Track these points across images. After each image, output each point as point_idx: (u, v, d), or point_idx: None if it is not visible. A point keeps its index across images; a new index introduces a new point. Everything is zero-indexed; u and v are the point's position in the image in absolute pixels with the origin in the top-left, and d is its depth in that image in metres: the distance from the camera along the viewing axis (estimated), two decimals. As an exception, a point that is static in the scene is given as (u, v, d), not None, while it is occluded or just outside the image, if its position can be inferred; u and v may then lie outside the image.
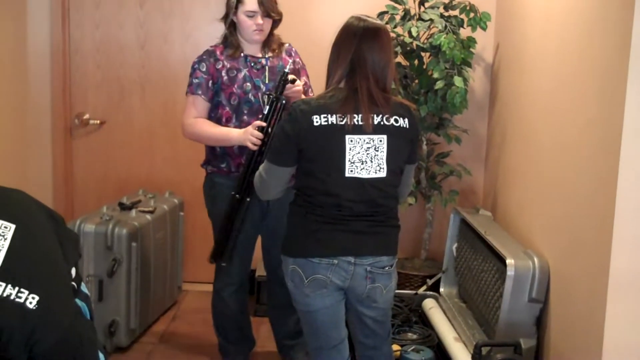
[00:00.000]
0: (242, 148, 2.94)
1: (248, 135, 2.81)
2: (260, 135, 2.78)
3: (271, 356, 3.41)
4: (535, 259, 2.78)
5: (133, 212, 3.60)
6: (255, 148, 2.79)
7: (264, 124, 2.79)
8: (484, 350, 2.62)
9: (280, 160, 2.39)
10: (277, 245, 2.59)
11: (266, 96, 2.88)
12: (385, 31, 2.40)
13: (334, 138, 2.29)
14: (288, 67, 2.97)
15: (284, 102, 2.77)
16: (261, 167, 2.49)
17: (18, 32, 3.96)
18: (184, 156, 4.16)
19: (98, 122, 4.21)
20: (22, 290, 1.51)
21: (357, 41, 2.33)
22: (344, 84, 2.35)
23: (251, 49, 3.03)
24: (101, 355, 1.79)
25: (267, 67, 3.02)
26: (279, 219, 2.82)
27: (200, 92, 2.98)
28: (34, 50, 4.06)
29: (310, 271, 2.33)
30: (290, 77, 2.81)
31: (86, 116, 4.21)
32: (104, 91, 4.21)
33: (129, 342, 3.46)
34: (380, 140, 2.31)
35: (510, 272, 2.76)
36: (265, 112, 2.81)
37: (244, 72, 2.99)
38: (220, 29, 3.09)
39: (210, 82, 2.98)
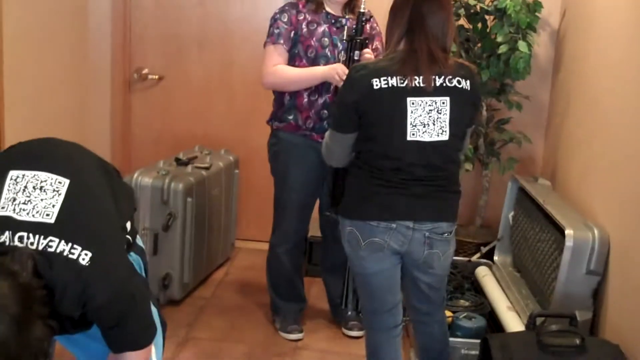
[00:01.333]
0: (312, 102, 2.97)
1: (335, 69, 2.84)
2: (346, 70, 2.74)
3: (322, 316, 3.43)
4: (595, 230, 2.71)
5: (189, 167, 3.63)
6: (340, 83, 2.76)
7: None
8: (538, 320, 2.59)
9: (341, 127, 2.37)
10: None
11: (347, 39, 2.89)
12: None
13: (395, 101, 2.25)
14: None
15: (366, 40, 2.79)
16: (326, 135, 2.47)
17: (80, -14, 3.99)
18: (241, 114, 4.17)
19: (156, 77, 4.23)
20: (75, 246, 1.53)
21: (413, 1, 2.28)
22: (403, 45, 2.30)
23: (333, 7, 3.02)
24: (154, 309, 1.82)
25: (346, 27, 3.00)
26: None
27: (281, 41, 2.97)
28: (95, 5, 4.08)
29: (367, 234, 2.32)
30: (369, 15, 2.76)
31: (145, 71, 4.24)
32: (163, 47, 4.22)
33: (182, 295, 3.51)
34: (443, 103, 2.26)
35: (568, 242, 2.70)
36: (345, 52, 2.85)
37: (324, 27, 2.99)
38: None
39: (293, 32, 2.98)
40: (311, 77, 2.94)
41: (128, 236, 1.87)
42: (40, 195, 1.58)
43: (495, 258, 3.53)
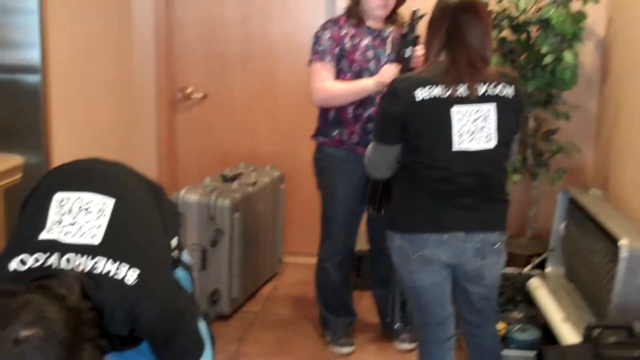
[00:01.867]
0: (357, 116, 2.97)
1: (382, 73, 2.83)
2: (392, 68, 2.77)
3: (372, 329, 3.40)
4: (652, 240, 2.65)
5: (235, 184, 3.65)
6: (390, 79, 2.75)
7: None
8: (595, 332, 2.53)
9: (385, 139, 2.35)
10: (383, 219, 2.56)
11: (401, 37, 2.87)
12: (480, 3, 2.31)
13: (440, 111, 2.23)
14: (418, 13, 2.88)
15: (418, 38, 2.77)
16: (369, 147, 2.46)
17: (122, 7, 4.06)
18: (285, 130, 4.19)
19: (200, 95, 4.27)
20: (121, 266, 1.53)
21: (451, 13, 2.26)
22: (444, 56, 2.29)
23: (374, 22, 3.03)
24: (202, 324, 1.81)
25: (388, 39, 3.00)
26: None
27: (328, 58, 2.98)
28: (139, 25, 4.14)
29: (418, 247, 2.30)
30: (421, 12, 2.75)
31: (189, 90, 4.28)
32: (206, 65, 4.26)
33: (231, 310, 3.52)
34: (488, 110, 2.24)
35: (623, 253, 2.64)
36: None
37: (367, 40, 3.00)
38: (319, 6, 3.08)
39: (337, 47, 2.98)
40: (362, 88, 2.92)
41: (174, 253, 1.88)
42: (85, 217, 1.59)
43: (547, 269, 3.47)
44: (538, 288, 3.27)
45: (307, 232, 4.05)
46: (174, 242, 1.87)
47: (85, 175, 1.74)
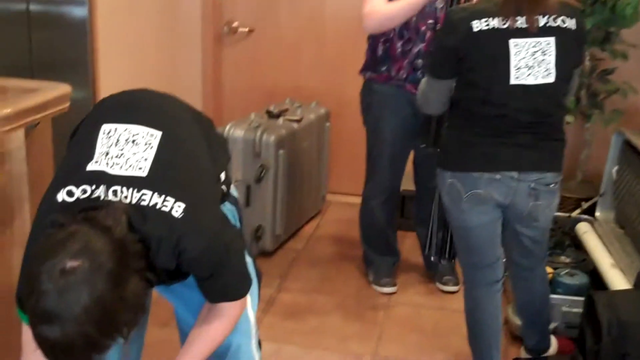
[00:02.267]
0: (405, 51, 2.88)
1: None
2: None
3: (416, 270, 3.39)
4: None
5: (280, 120, 3.61)
6: None
7: None
8: (646, 278, 2.48)
9: (439, 73, 2.28)
10: (430, 158, 2.51)
11: None
12: None
13: (497, 43, 2.14)
14: None
15: None
16: (422, 82, 2.40)
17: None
18: (332, 66, 4.11)
19: (247, 30, 4.21)
20: (168, 198, 1.51)
21: None
22: None
23: None
24: (249, 260, 1.80)
25: None
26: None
27: None
28: (186, -42, 4.07)
29: (469, 186, 2.24)
30: None
31: (235, 24, 4.21)
32: (253, -1, 4.19)
33: (274, 247, 3.53)
34: (548, 43, 2.14)
35: (680, 198, 2.56)
36: None
37: None
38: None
39: None
40: (414, 4, 2.73)
41: (223, 186, 1.86)
42: (132, 148, 1.57)
43: (597, 214, 3.39)
44: (587, 233, 3.20)
45: (352, 170, 4.01)
46: (222, 176, 1.85)
47: (133, 107, 1.72)
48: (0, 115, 1.95)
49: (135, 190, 1.50)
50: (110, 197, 1.48)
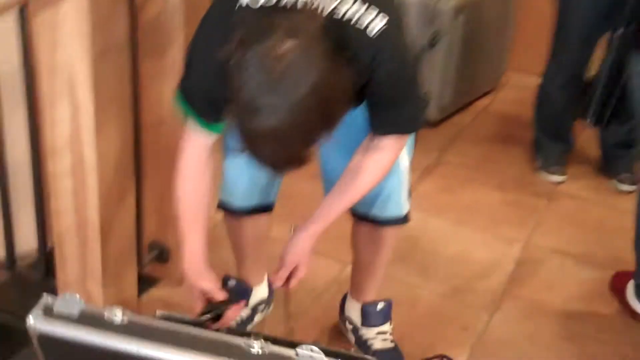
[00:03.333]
0: None
1: None
2: None
3: (590, 163, 3.13)
4: None
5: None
6: None
7: None
8: None
9: None
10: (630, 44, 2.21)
11: None
12: None
13: None
14: None
15: None
16: None
17: None
18: None
19: None
20: (371, 8, 1.42)
21: None
22: None
23: None
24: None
25: None
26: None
27: None
28: None
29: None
30: None
31: None
32: None
33: (440, 118, 3.37)
34: None
35: None
36: None
37: None
38: None
39: None
40: None
41: None
42: None
43: None
44: None
45: (535, 50, 3.69)
46: None
47: None
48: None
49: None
50: (300, 6, 1.39)
